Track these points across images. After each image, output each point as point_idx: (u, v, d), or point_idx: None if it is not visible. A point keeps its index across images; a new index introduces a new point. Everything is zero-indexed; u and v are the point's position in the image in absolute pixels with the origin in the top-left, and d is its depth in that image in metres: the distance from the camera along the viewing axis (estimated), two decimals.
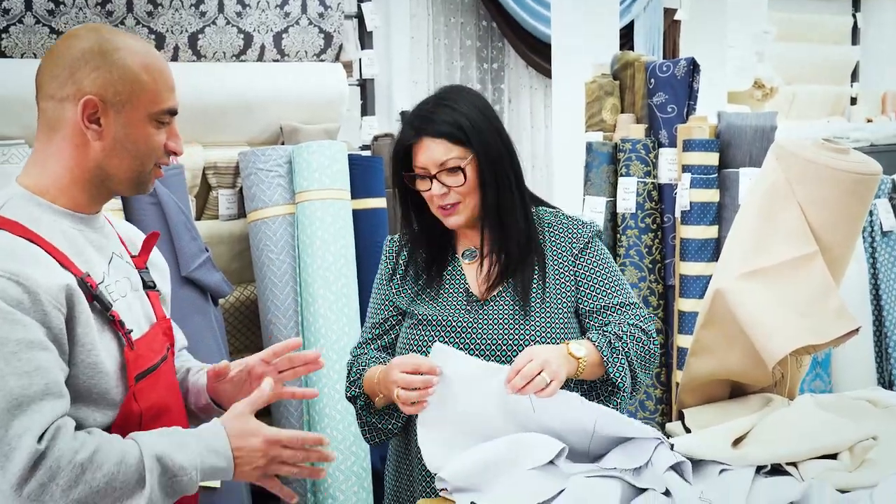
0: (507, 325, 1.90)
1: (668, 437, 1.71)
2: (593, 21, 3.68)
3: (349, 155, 3.36)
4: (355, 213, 3.31)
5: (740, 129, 2.94)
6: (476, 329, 1.90)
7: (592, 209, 3.04)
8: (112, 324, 1.46)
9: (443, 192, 1.87)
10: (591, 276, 1.95)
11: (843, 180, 1.77)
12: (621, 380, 1.83)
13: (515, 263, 1.92)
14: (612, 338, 1.84)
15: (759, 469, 1.57)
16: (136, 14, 3.22)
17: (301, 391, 1.74)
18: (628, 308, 1.93)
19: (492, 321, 1.91)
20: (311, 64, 3.65)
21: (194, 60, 3.40)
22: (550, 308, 1.91)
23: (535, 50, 5.73)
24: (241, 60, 3.50)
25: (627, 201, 3.00)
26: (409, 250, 2.01)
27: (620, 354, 1.83)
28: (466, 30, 5.81)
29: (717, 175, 2.93)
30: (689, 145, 2.93)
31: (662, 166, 3.03)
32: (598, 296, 1.93)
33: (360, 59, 3.92)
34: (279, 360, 1.69)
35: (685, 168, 2.94)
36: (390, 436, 1.98)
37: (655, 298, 3.03)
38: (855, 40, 6.92)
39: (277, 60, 3.58)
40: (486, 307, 1.92)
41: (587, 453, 1.69)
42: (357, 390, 1.94)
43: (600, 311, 1.92)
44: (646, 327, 1.91)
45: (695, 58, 2.99)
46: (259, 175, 3.23)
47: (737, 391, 1.94)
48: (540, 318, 1.90)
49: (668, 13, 5.78)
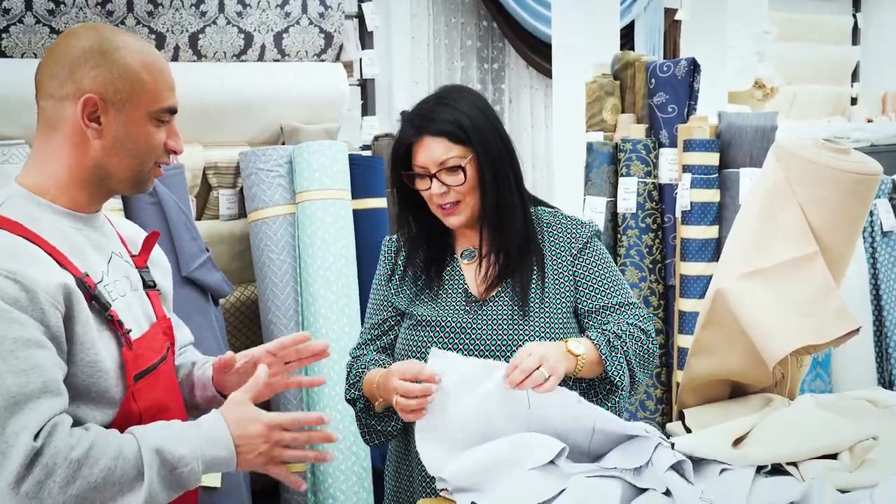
0: (506, 326, 1.89)
1: (668, 437, 1.71)
2: (594, 21, 3.68)
3: (350, 155, 3.36)
4: (356, 213, 3.31)
5: (741, 129, 2.94)
6: (475, 330, 1.90)
7: (593, 209, 3.04)
8: (111, 323, 1.46)
9: (442, 192, 1.87)
10: (590, 275, 1.94)
11: (843, 180, 1.78)
12: (620, 378, 1.82)
13: (514, 264, 1.92)
14: (611, 336, 1.84)
15: (759, 469, 1.57)
16: (136, 14, 3.22)
17: (308, 379, 1.74)
18: (627, 308, 1.93)
19: (491, 322, 1.90)
20: (311, 64, 3.65)
21: (195, 60, 3.40)
22: (549, 308, 1.91)
23: (536, 50, 5.73)
24: (242, 60, 3.50)
25: (628, 201, 3.00)
26: (407, 250, 2.01)
27: (619, 353, 1.83)
28: (467, 30, 5.81)
29: (717, 175, 2.93)
30: (689, 145, 2.93)
31: (663, 166, 3.03)
32: (597, 296, 1.93)
33: (360, 59, 3.92)
34: (286, 352, 1.69)
35: (686, 168, 2.94)
36: (390, 437, 1.97)
37: (656, 298, 3.03)
38: (855, 40, 6.92)
39: (278, 60, 3.58)
40: (484, 308, 1.92)
41: (587, 451, 1.68)
42: (356, 393, 1.94)
43: (599, 310, 1.92)
44: (645, 327, 1.91)
45: (695, 58, 2.99)
46: (259, 175, 3.23)
47: (737, 391, 1.94)
48: (539, 319, 1.90)
49: (669, 13, 5.78)
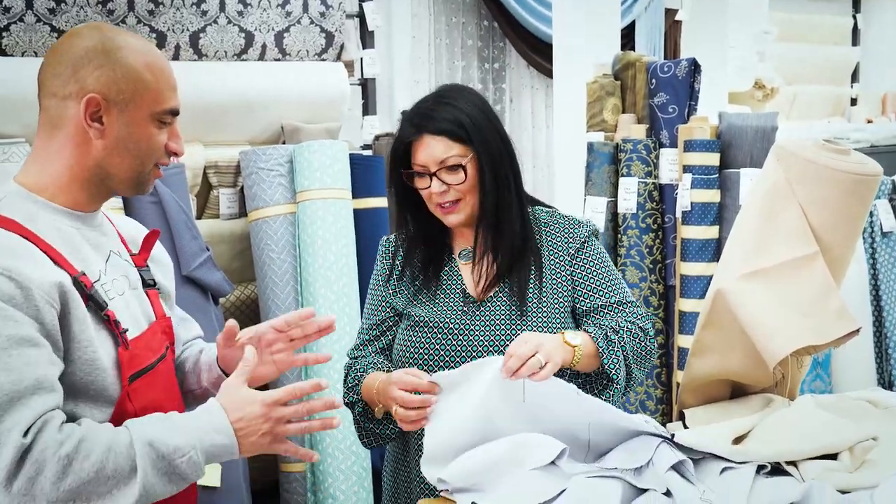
0: (504, 326, 1.89)
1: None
2: (594, 21, 3.68)
3: (350, 154, 3.36)
4: (356, 212, 3.31)
5: (741, 129, 2.94)
6: (473, 330, 1.90)
7: (593, 209, 3.05)
8: (107, 323, 1.46)
9: (442, 190, 1.86)
10: (588, 275, 1.94)
11: (843, 181, 1.77)
12: (616, 371, 1.81)
13: (512, 264, 1.92)
14: (609, 331, 1.84)
15: (759, 469, 1.57)
16: (137, 13, 3.22)
17: (314, 356, 1.73)
18: (625, 307, 1.93)
19: (489, 322, 1.90)
20: (312, 63, 3.65)
21: (195, 59, 3.40)
22: (547, 308, 1.91)
23: (537, 50, 5.73)
24: (243, 59, 3.50)
25: (628, 201, 3.01)
26: (405, 250, 2.00)
27: (616, 347, 1.82)
28: (468, 29, 5.81)
29: (717, 175, 2.94)
30: (689, 146, 2.93)
31: (663, 166, 3.03)
32: (594, 295, 1.93)
33: (361, 59, 3.92)
34: (292, 330, 1.68)
35: (686, 168, 2.94)
36: (388, 441, 1.97)
37: (656, 299, 3.03)
38: (855, 41, 6.93)
39: (279, 60, 3.58)
40: (482, 308, 1.92)
41: (586, 444, 1.68)
42: (355, 396, 1.93)
43: (597, 310, 1.92)
44: (643, 325, 1.91)
45: (696, 58, 3.00)
46: (260, 174, 3.23)
47: (737, 391, 1.94)
48: (537, 319, 1.89)
49: (670, 13, 5.78)
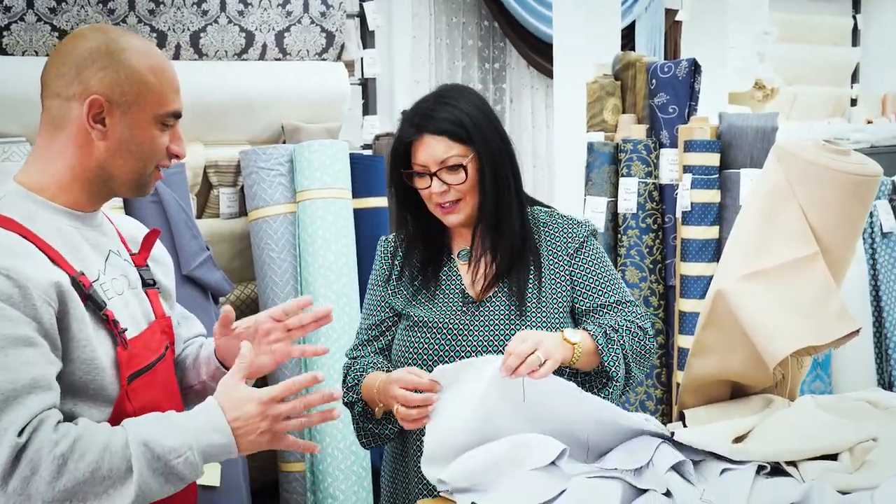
0: (504, 326, 1.89)
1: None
2: (595, 21, 3.68)
3: (350, 154, 3.36)
4: (356, 212, 3.31)
5: (741, 129, 2.94)
6: (472, 330, 1.90)
7: (593, 209, 3.05)
8: (106, 322, 1.46)
9: (442, 190, 1.86)
10: (587, 275, 1.94)
11: (843, 182, 1.78)
12: (615, 369, 1.81)
13: (510, 264, 1.91)
14: (608, 329, 1.84)
15: (759, 470, 1.57)
16: (137, 12, 3.22)
17: (312, 348, 1.72)
18: (624, 306, 1.93)
19: (488, 322, 1.90)
20: (312, 63, 3.65)
21: (196, 59, 3.40)
22: (546, 308, 1.91)
23: (537, 50, 5.73)
24: (243, 59, 3.50)
25: (628, 201, 3.01)
26: (404, 250, 2.00)
27: (616, 345, 1.82)
28: (468, 29, 5.81)
29: (718, 176, 2.94)
30: (690, 146, 2.94)
31: (663, 167, 3.03)
32: (594, 295, 1.93)
33: (361, 59, 3.92)
34: (289, 319, 1.67)
35: (686, 169, 2.94)
36: (387, 441, 1.97)
37: (656, 299, 3.03)
38: (855, 42, 6.93)
39: (279, 59, 3.58)
40: (481, 308, 1.92)
41: (586, 443, 1.68)
42: (354, 396, 1.93)
43: (596, 309, 1.92)
44: (642, 324, 1.91)
45: (696, 59, 3.00)
46: (260, 174, 3.23)
47: (738, 392, 1.94)
48: (536, 319, 1.89)
49: (670, 14, 5.78)
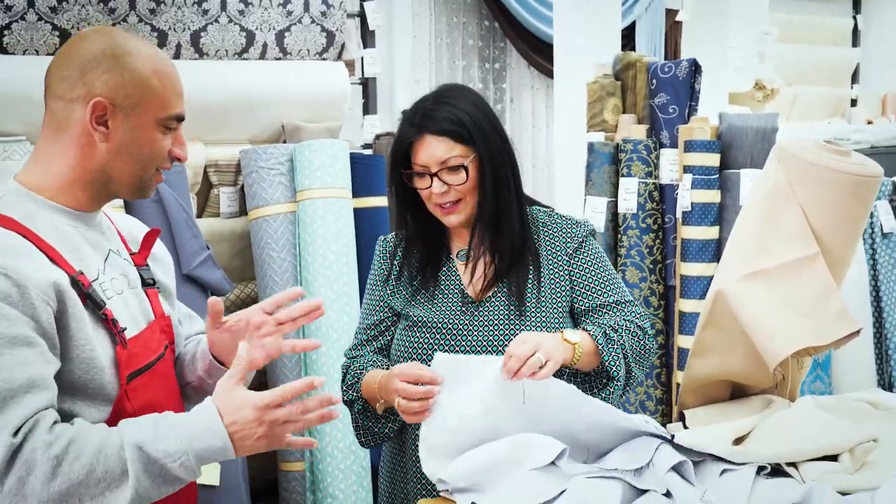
0: (503, 326, 1.89)
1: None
2: (595, 21, 3.68)
3: (351, 153, 3.36)
4: (357, 211, 3.31)
5: (741, 130, 2.94)
6: (471, 331, 1.90)
7: (594, 209, 3.05)
8: (105, 322, 1.46)
9: (443, 191, 1.86)
10: (586, 275, 1.94)
11: (844, 182, 1.77)
12: (616, 369, 1.82)
13: (509, 264, 1.91)
14: (608, 329, 1.84)
15: (759, 471, 1.57)
16: (138, 11, 3.22)
17: (302, 343, 1.70)
18: (624, 306, 1.93)
19: (487, 322, 1.90)
20: (313, 62, 3.65)
21: (196, 58, 3.40)
22: (546, 308, 1.91)
23: (537, 50, 5.73)
24: (244, 58, 3.50)
25: (629, 202, 3.01)
26: (403, 250, 2.00)
27: (616, 345, 1.82)
28: (469, 29, 5.81)
29: (718, 176, 2.94)
30: (690, 146, 2.94)
31: (664, 167, 3.03)
32: (593, 295, 1.93)
33: (362, 58, 3.92)
34: (279, 312, 1.65)
35: (686, 169, 2.94)
36: (386, 439, 1.97)
37: (656, 299, 3.03)
38: (855, 42, 6.93)
39: (280, 59, 3.58)
40: (481, 308, 1.92)
41: (586, 445, 1.68)
42: (354, 394, 1.93)
43: (596, 309, 1.92)
44: (641, 324, 1.91)
45: (696, 59, 3.00)
46: (260, 173, 3.23)
47: (738, 392, 1.94)
48: (535, 319, 1.89)
49: (670, 14, 5.78)
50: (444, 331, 1.90)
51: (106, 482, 1.33)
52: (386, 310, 1.99)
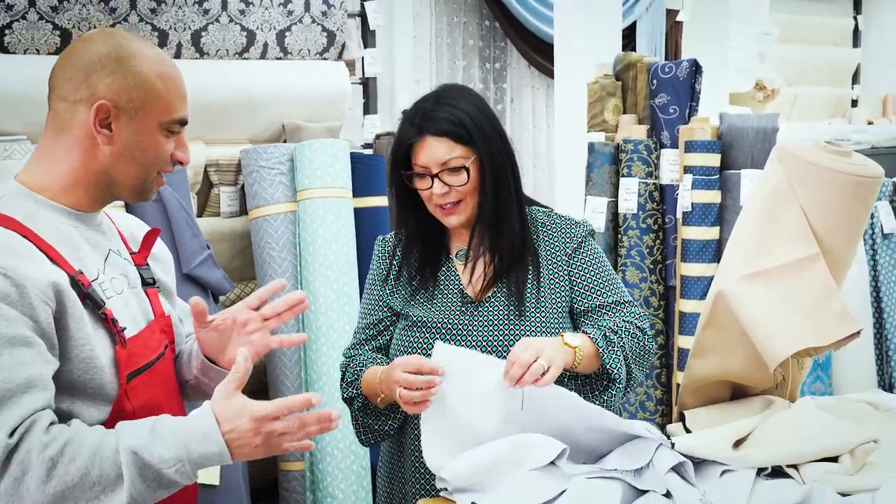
0: (502, 326, 1.89)
1: (668, 437, 1.71)
2: (596, 22, 3.68)
3: (351, 153, 3.36)
4: (357, 211, 3.31)
5: (742, 130, 2.94)
6: (471, 331, 1.90)
7: (594, 209, 3.05)
8: (105, 322, 1.46)
9: (444, 192, 1.86)
10: (586, 275, 1.94)
11: (844, 183, 1.77)
12: (617, 371, 1.82)
13: (509, 264, 1.91)
14: (608, 331, 1.84)
15: (760, 471, 1.57)
16: (139, 11, 3.22)
17: (289, 338, 1.68)
18: (623, 306, 1.93)
19: (486, 322, 1.90)
20: (313, 62, 3.65)
21: (197, 58, 3.40)
22: (545, 308, 1.91)
23: (538, 50, 5.73)
24: (244, 58, 3.50)
25: (629, 202, 3.01)
26: (403, 250, 2.00)
27: (616, 347, 1.83)
28: (469, 29, 5.80)
29: (718, 176, 2.94)
30: (690, 146, 2.93)
31: (664, 167, 3.03)
32: (592, 295, 1.93)
33: (362, 58, 3.92)
34: (264, 307, 1.65)
35: (687, 169, 2.94)
36: (386, 437, 1.97)
37: (656, 299, 3.03)
38: (856, 42, 6.93)
39: (280, 58, 3.58)
40: (480, 308, 1.92)
41: (586, 450, 1.68)
42: (354, 391, 1.93)
43: (595, 310, 1.92)
44: (641, 324, 1.91)
45: (697, 59, 2.99)
46: (261, 173, 3.23)
47: (738, 393, 1.94)
48: (535, 319, 1.89)
49: (671, 14, 5.77)
50: (443, 331, 1.90)
51: (101, 486, 1.32)
52: (385, 309, 1.99)
